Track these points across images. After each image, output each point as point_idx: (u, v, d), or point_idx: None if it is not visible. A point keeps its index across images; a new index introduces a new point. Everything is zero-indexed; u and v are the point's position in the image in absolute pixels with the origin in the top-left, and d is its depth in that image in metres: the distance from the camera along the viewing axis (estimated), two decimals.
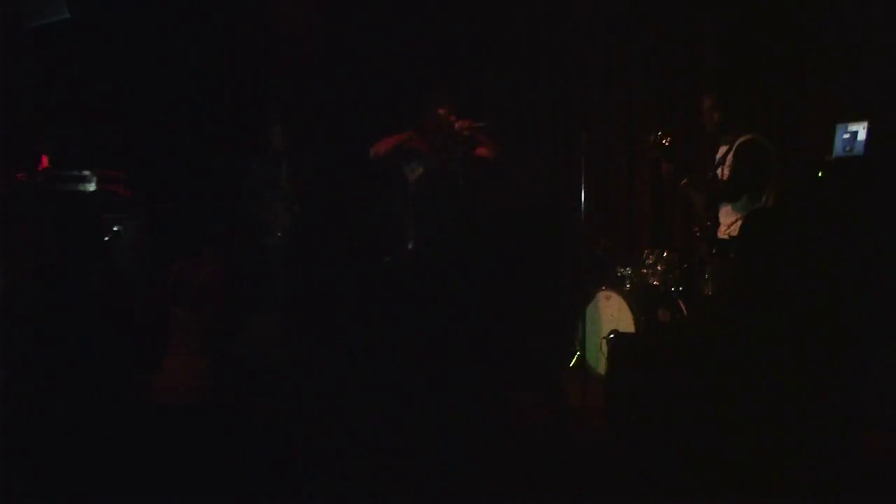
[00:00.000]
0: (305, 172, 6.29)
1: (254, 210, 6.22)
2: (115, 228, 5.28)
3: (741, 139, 4.92)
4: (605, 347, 4.78)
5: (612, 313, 5.65)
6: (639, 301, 5.56)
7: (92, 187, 5.59)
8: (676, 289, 5.70)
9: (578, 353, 5.66)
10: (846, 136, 5.13)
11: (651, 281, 5.76)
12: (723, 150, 5.05)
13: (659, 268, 5.77)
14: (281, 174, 6.23)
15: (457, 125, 5.34)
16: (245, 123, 6.76)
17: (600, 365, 5.22)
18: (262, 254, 6.19)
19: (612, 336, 4.81)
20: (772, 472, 2.83)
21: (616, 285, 5.78)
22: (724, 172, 4.99)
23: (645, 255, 5.88)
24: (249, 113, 6.81)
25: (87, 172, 5.63)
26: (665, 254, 5.83)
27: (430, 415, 3.14)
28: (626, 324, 5.49)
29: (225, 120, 6.81)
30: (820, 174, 5.13)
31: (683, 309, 5.56)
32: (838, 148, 5.15)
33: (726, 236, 4.88)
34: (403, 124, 5.57)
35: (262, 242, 6.23)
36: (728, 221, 4.91)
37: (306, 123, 6.67)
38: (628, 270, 5.85)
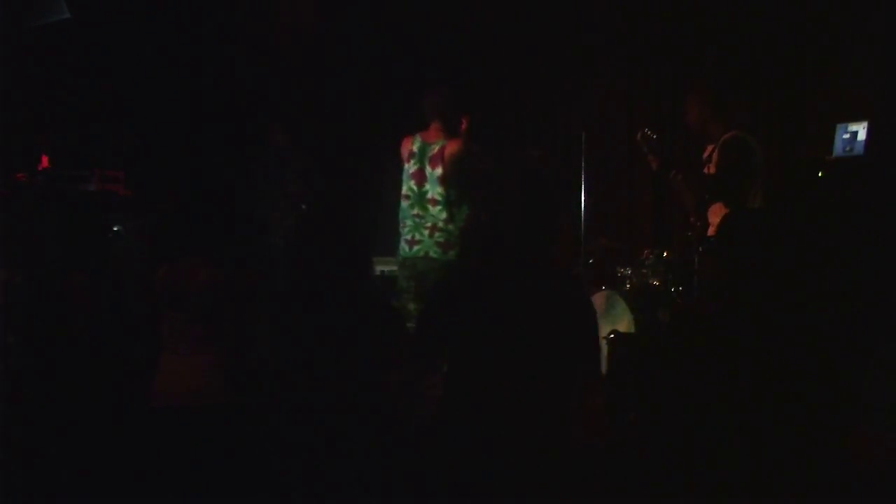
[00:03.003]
0: (310, 172, 6.29)
1: (259, 210, 6.21)
2: (115, 228, 5.27)
3: (725, 136, 4.95)
4: (605, 347, 4.78)
5: (612, 313, 5.65)
6: (639, 301, 5.56)
7: (92, 187, 5.58)
8: (676, 289, 5.70)
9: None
10: (846, 136, 5.13)
11: (651, 281, 5.76)
12: (709, 148, 5.07)
13: (659, 268, 5.77)
14: (286, 174, 6.21)
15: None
16: (248, 123, 6.76)
17: (600, 365, 5.22)
18: (267, 254, 6.18)
19: (612, 336, 4.82)
20: (771, 471, 2.83)
21: (616, 285, 5.78)
22: (710, 170, 5.01)
23: (645, 255, 5.88)
24: (252, 112, 6.82)
25: (87, 172, 5.62)
26: (665, 254, 5.82)
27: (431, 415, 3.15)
28: (626, 324, 5.49)
29: (227, 120, 6.81)
30: (820, 174, 5.14)
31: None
32: (838, 148, 5.15)
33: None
34: (404, 124, 5.53)
35: (267, 242, 6.23)
36: (716, 221, 4.91)
37: (309, 123, 6.67)
38: (628, 270, 5.85)
